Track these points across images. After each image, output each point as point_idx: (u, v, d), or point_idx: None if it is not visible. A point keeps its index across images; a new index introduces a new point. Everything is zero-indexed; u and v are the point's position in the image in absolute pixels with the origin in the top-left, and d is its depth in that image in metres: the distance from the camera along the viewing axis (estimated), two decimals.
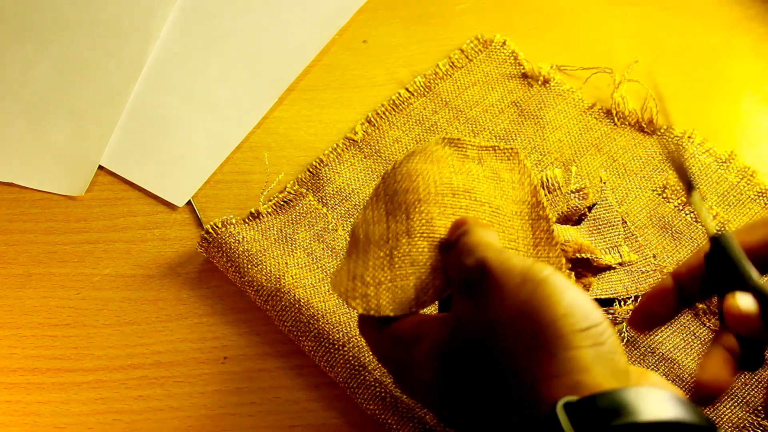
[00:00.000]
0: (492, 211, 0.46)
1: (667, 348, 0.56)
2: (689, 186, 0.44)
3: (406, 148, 0.66)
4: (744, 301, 0.40)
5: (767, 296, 0.40)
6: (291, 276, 0.59)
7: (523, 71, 0.70)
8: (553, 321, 0.34)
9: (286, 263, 0.60)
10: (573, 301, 0.35)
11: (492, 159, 0.48)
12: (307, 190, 0.64)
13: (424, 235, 0.44)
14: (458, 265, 0.40)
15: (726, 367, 0.40)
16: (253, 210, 0.63)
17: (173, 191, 0.66)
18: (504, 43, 0.71)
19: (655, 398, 0.32)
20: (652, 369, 0.55)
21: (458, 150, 0.48)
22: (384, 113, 0.68)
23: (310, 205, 0.63)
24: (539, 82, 0.69)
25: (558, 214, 0.61)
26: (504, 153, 0.49)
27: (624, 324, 0.56)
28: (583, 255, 0.57)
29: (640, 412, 0.31)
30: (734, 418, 0.53)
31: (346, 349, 0.56)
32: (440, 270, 0.43)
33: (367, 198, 0.46)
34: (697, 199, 0.44)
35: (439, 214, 0.44)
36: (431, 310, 0.52)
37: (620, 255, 0.59)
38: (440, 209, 0.44)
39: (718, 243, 0.43)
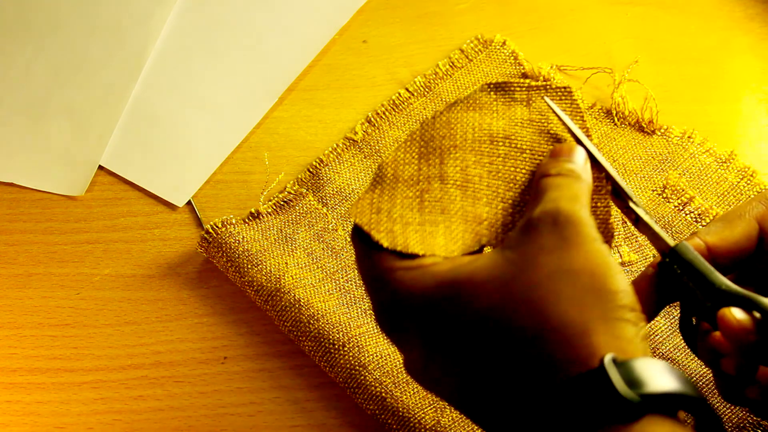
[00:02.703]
0: (532, 158, 0.44)
1: (668, 348, 0.56)
2: (629, 197, 0.44)
3: None
4: (739, 313, 0.40)
5: (750, 299, 0.40)
6: (291, 276, 0.59)
7: (523, 71, 0.70)
8: (614, 291, 0.36)
9: (286, 263, 0.60)
10: (627, 286, 0.37)
11: (541, 101, 0.46)
12: (307, 190, 0.64)
13: (458, 183, 0.42)
14: (532, 202, 0.40)
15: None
16: (253, 210, 0.63)
17: (173, 191, 0.66)
18: (504, 43, 0.71)
19: (659, 370, 0.34)
20: None
21: (505, 94, 0.46)
22: (384, 113, 0.68)
23: (310, 205, 0.63)
24: (538, 81, 0.69)
25: None
26: (556, 93, 0.47)
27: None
28: None
29: (653, 383, 0.33)
30: (734, 418, 0.53)
31: (346, 349, 0.56)
32: (471, 223, 0.42)
33: (401, 141, 0.44)
34: (643, 214, 0.44)
35: (474, 162, 0.43)
36: None
37: (620, 255, 0.59)
38: (476, 157, 0.43)
39: (678, 254, 0.43)
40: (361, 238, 0.41)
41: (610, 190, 0.43)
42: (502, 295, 0.36)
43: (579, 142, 0.44)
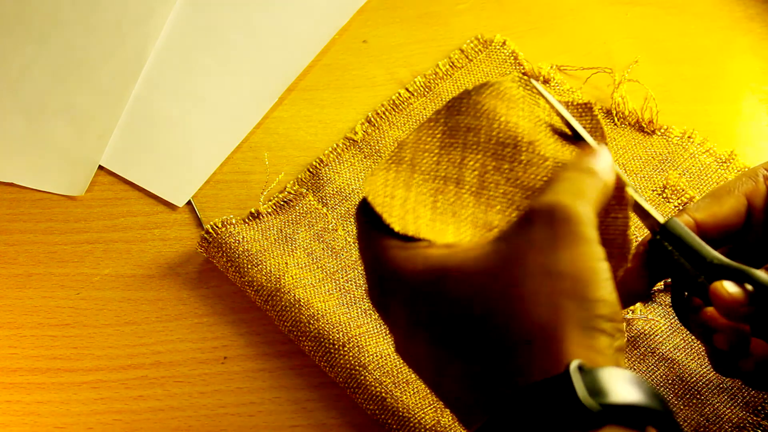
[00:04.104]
0: (555, 166, 0.43)
1: (667, 348, 0.56)
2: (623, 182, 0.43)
3: None
4: (731, 286, 0.41)
5: (742, 271, 0.41)
6: (291, 276, 0.59)
7: (523, 71, 0.70)
8: (594, 300, 0.35)
9: (286, 263, 0.60)
10: (610, 295, 0.36)
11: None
12: (307, 190, 0.64)
13: (473, 189, 0.42)
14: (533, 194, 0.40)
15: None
16: (253, 210, 0.63)
17: (173, 191, 0.66)
18: (504, 43, 0.71)
19: (625, 380, 0.33)
20: (652, 369, 0.55)
21: (531, 96, 0.46)
22: (384, 113, 0.68)
23: (310, 205, 0.63)
24: (539, 82, 0.69)
25: None
26: (576, 109, 0.46)
27: (624, 324, 0.56)
28: None
29: (616, 394, 0.33)
30: (734, 418, 0.53)
31: (346, 349, 0.56)
32: (480, 229, 0.42)
33: (425, 119, 0.44)
34: (632, 192, 0.43)
35: (494, 168, 0.42)
36: None
37: None
38: (497, 162, 0.43)
39: (668, 230, 0.43)
40: (365, 213, 0.41)
41: (632, 204, 0.42)
42: (484, 287, 0.36)
43: (573, 132, 0.44)
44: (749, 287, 0.40)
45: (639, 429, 0.33)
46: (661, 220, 0.43)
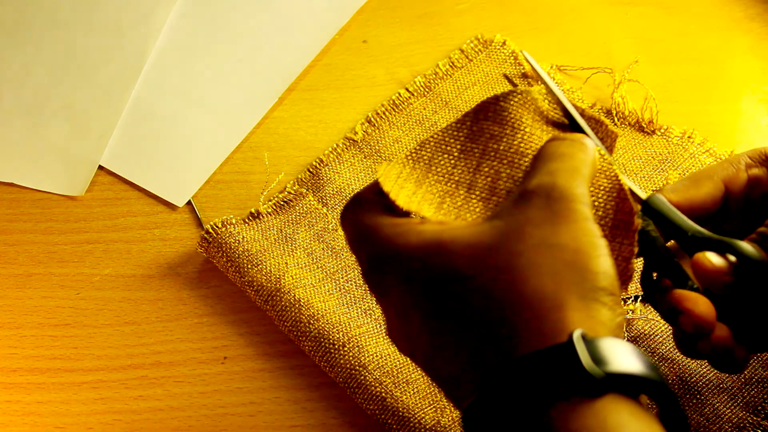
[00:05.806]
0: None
1: (667, 348, 0.56)
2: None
3: (406, 148, 0.66)
4: (714, 257, 0.41)
5: (725, 242, 0.42)
6: (291, 276, 0.59)
7: (523, 71, 0.70)
8: (595, 272, 0.36)
9: (286, 263, 0.60)
10: (610, 269, 0.37)
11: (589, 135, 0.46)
12: (307, 190, 0.64)
13: (483, 195, 0.42)
14: (531, 171, 0.40)
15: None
16: (253, 210, 0.63)
17: (173, 191, 0.66)
18: (504, 43, 0.71)
19: (626, 351, 0.34)
20: None
21: (555, 111, 0.46)
22: (384, 113, 0.68)
23: (310, 205, 0.63)
24: (539, 82, 0.69)
25: None
26: (602, 131, 0.46)
27: (624, 323, 0.56)
28: None
29: (618, 363, 0.33)
30: (734, 418, 0.53)
31: (346, 349, 0.56)
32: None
33: (456, 118, 0.44)
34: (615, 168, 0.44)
35: (506, 176, 0.43)
36: None
37: None
38: (511, 170, 0.43)
39: (650, 206, 0.44)
40: (355, 204, 0.41)
41: (638, 228, 0.41)
42: (482, 260, 0.36)
43: (571, 119, 0.44)
44: (732, 258, 0.41)
45: (635, 398, 0.34)
46: (644, 196, 0.44)
